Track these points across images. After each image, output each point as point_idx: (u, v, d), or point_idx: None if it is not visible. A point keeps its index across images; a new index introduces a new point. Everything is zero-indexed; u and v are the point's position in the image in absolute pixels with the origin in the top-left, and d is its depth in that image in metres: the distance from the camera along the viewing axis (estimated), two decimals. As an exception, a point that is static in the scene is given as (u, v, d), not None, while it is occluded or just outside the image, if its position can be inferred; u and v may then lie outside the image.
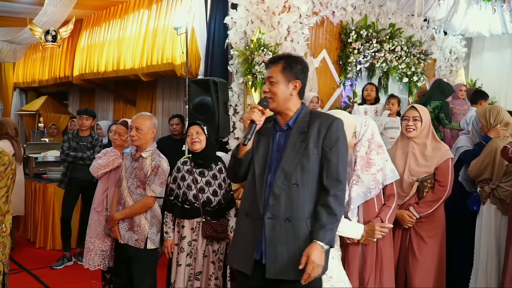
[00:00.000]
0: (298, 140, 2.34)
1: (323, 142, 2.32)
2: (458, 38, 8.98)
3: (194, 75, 6.01)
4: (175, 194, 3.50)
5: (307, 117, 2.39)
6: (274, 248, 2.28)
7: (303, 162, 2.30)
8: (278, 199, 2.29)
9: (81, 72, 8.63)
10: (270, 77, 2.38)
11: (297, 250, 2.26)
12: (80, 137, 5.49)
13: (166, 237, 3.51)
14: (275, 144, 2.40)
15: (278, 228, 2.28)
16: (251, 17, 5.56)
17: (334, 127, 2.33)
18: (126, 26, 7.61)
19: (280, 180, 2.31)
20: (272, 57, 2.47)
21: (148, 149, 3.49)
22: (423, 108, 3.46)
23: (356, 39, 6.73)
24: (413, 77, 7.75)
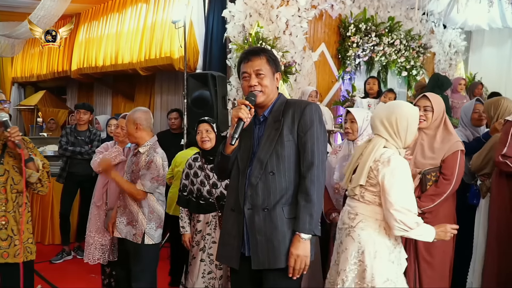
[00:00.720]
0: (273, 129, 2.32)
1: (298, 128, 2.29)
2: (457, 31, 8.95)
3: (192, 69, 5.99)
4: (189, 190, 3.56)
5: (282, 106, 2.36)
6: (254, 238, 2.28)
7: (278, 150, 2.28)
8: (255, 189, 2.28)
9: (79, 67, 8.61)
10: (259, 70, 2.31)
11: (275, 238, 2.25)
12: (78, 132, 5.48)
13: (183, 231, 3.58)
14: (255, 136, 2.38)
15: (257, 218, 2.28)
16: (249, 10, 5.53)
17: (307, 112, 2.30)
18: (124, 20, 7.59)
19: (256, 170, 2.29)
20: (252, 50, 2.41)
21: (146, 144, 3.45)
22: (436, 97, 3.27)
23: (355, 33, 6.71)
24: (412, 70, 7.73)
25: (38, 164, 2.86)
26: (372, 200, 2.55)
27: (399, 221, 2.41)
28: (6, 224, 2.76)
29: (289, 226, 2.27)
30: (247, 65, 2.33)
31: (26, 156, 2.76)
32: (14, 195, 2.78)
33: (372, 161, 2.53)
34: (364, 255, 2.50)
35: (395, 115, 2.57)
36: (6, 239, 2.75)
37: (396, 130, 2.57)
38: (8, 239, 2.76)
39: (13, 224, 2.79)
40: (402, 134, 2.57)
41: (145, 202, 3.42)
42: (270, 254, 2.25)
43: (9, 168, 2.79)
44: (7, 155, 2.80)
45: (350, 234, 2.58)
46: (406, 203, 2.43)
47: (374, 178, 2.51)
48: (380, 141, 2.58)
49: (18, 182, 2.79)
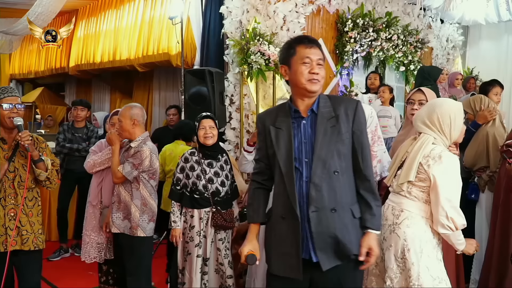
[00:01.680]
0: (328, 126, 2.21)
1: (353, 126, 2.24)
2: (454, 26, 8.94)
3: (190, 65, 5.99)
4: (183, 183, 3.54)
5: (328, 102, 2.28)
6: (324, 241, 2.19)
7: (339, 148, 2.21)
8: (320, 190, 2.17)
9: (77, 63, 8.59)
10: (320, 59, 2.23)
11: (345, 238, 2.20)
12: (76, 129, 5.47)
13: (174, 226, 3.52)
14: (299, 134, 2.26)
15: (325, 220, 2.18)
16: (247, 6, 5.53)
17: (360, 110, 2.26)
18: (122, 16, 7.57)
19: (319, 169, 2.18)
20: (311, 38, 2.32)
21: (138, 139, 3.50)
22: (430, 91, 3.29)
23: (353, 28, 6.70)
24: (410, 65, 7.72)
25: (47, 164, 3.05)
26: (419, 197, 2.54)
27: (450, 219, 2.40)
28: (15, 216, 2.97)
29: (357, 226, 2.25)
30: (310, 51, 2.22)
31: (36, 157, 2.98)
32: (22, 191, 3.00)
33: (422, 157, 2.51)
34: (410, 253, 2.47)
35: (436, 114, 2.57)
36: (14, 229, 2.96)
37: (440, 128, 2.57)
38: (16, 229, 2.97)
39: (22, 216, 3.00)
40: (446, 131, 2.57)
41: (137, 194, 3.46)
42: (340, 252, 2.21)
43: (19, 166, 3.00)
44: (18, 154, 3.02)
45: (395, 231, 2.55)
46: (457, 202, 2.43)
47: (424, 173, 2.49)
48: (428, 138, 2.57)
49: (25, 179, 3.01)
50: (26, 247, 3.00)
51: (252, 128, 5.66)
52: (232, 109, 5.63)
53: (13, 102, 2.95)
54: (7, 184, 2.94)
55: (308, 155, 2.22)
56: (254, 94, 5.55)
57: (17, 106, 2.96)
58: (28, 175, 2.99)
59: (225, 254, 3.53)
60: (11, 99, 2.96)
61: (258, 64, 5.27)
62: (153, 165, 3.47)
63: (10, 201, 2.95)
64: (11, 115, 2.92)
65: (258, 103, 5.54)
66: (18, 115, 2.94)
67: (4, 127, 2.98)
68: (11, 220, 2.94)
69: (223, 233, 3.53)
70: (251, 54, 5.26)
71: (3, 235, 2.93)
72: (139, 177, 3.46)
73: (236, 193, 3.68)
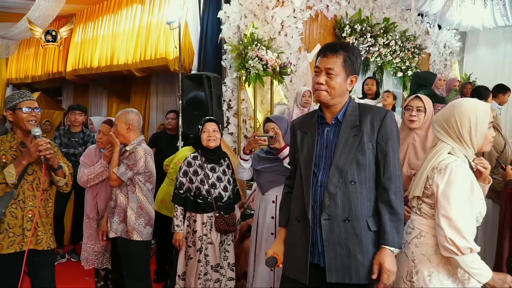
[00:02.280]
0: (350, 135, 2.18)
1: (378, 136, 2.17)
2: (452, 32, 8.98)
3: (187, 70, 5.98)
4: (186, 188, 3.54)
5: (356, 110, 2.23)
6: (334, 251, 2.14)
7: (359, 158, 2.15)
8: (334, 199, 2.15)
9: (74, 68, 8.58)
10: (329, 69, 2.18)
11: (358, 251, 2.13)
12: (72, 133, 5.45)
13: (177, 230, 3.53)
14: (322, 140, 2.25)
15: (337, 229, 2.14)
16: (245, 11, 5.53)
17: (388, 120, 2.18)
18: (119, 21, 7.57)
19: (335, 178, 2.15)
20: (332, 45, 2.24)
21: (133, 143, 3.50)
22: (428, 98, 3.28)
23: (350, 34, 6.72)
24: (408, 71, 7.75)
25: (65, 171, 3.11)
26: (429, 214, 2.24)
27: (449, 240, 2.07)
28: (33, 217, 3.02)
29: (373, 239, 2.16)
30: (321, 60, 2.22)
31: (56, 165, 3.03)
32: (39, 193, 3.06)
33: (430, 169, 2.22)
34: (418, 276, 2.22)
35: (454, 116, 2.22)
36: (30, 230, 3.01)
37: (458, 133, 2.21)
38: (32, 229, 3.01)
39: (38, 217, 3.05)
40: (466, 137, 2.20)
41: (133, 197, 3.45)
42: (353, 268, 2.13)
43: (37, 169, 3.04)
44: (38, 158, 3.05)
45: (404, 250, 2.31)
46: (460, 221, 2.06)
47: (429, 188, 2.21)
48: (444, 147, 2.24)
49: (43, 182, 3.06)
50: (40, 247, 3.06)
51: (250, 133, 5.65)
52: (229, 114, 5.62)
53: (31, 106, 2.99)
54: (25, 187, 2.98)
55: (327, 162, 2.21)
56: (251, 99, 5.54)
57: (35, 110, 3.00)
58: (44, 177, 3.03)
59: (225, 256, 3.53)
60: (29, 102, 2.99)
61: (256, 69, 5.27)
62: (148, 167, 3.45)
63: (28, 203, 3.00)
64: (30, 119, 2.96)
65: (256, 108, 5.53)
66: (35, 119, 2.98)
67: (23, 130, 3.00)
68: (29, 221, 3.00)
69: (223, 236, 3.53)
70: (249, 59, 5.25)
71: (20, 236, 2.98)
72: (135, 180, 3.45)
73: (238, 197, 3.69)
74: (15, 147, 3.00)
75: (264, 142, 3.24)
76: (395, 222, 2.15)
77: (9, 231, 2.94)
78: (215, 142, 3.51)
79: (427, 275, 2.19)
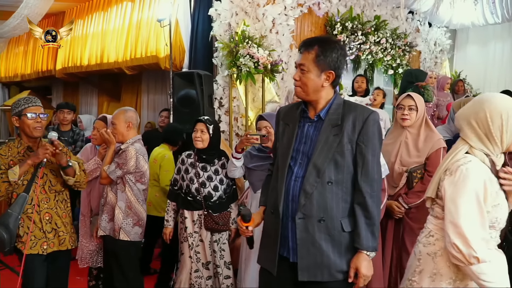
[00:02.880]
0: (331, 134, 2.15)
1: (358, 137, 2.13)
2: (442, 30, 9.02)
3: (178, 68, 5.95)
4: (179, 185, 3.59)
5: (340, 109, 2.20)
6: (307, 249, 2.15)
7: (337, 158, 2.13)
8: (310, 198, 2.13)
9: (64, 66, 8.52)
10: (301, 65, 2.17)
11: (331, 250, 2.14)
12: (61, 132, 5.39)
13: (166, 224, 3.63)
14: (302, 134, 2.24)
15: (311, 229, 2.14)
16: (236, 9, 5.51)
17: (370, 121, 2.14)
18: (109, 19, 7.52)
19: (312, 177, 2.14)
20: (307, 41, 2.22)
21: (128, 141, 3.48)
22: (419, 97, 3.35)
23: (342, 31, 6.72)
24: (399, 69, 7.78)
25: (75, 168, 3.15)
26: (440, 215, 2.13)
27: (454, 246, 1.94)
28: (50, 219, 3.09)
29: (347, 240, 2.16)
30: (298, 57, 2.22)
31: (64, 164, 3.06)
32: (53, 195, 3.13)
33: (444, 170, 2.10)
34: (420, 276, 2.15)
35: (485, 111, 2.02)
36: (51, 232, 3.10)
37: (488, 130, 2.02)
38: (53, 231, 3.11)
39: (56, 218, 3.12)
40: (497, 135, 2.01)
41: (122, 196, 3.43)
42: (325, 266, 2.14)
43: (47, 172, 3.11)
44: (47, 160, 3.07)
45: (414, 248, 2.28)
46: (467, 229, 1.93)
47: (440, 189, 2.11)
48: (462, 146, 2.08)
49: (55, 184, 3.14)
50: (63, 247, 3.15)
51: (241, 131, 5.63)
52: (221, 112, 5.60)
53: (37, 112, 3.02)
54: (38, 190, 3.03)
55: (303, 158, 2.20)
56: (243, 97, 5.53)
57: (41, 116, 3.03)
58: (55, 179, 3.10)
59: (221, 255, 3.53)
60: (35, 108, 3.03)
61: (247, 67, 5.25)
62: (140, 167, 3.41)
63: (43, 206, 3.06)
64: (36, 125, 3.00)
65: (247, 106, 5.51)
66: (41, 125, 3.03)
67: (29, 136, 3.04)
68: (47, 223, 3.07)
69: (217, 234, 3.53)
70: (240, 56, 5.24)
71: (42, 239, 3.06)
72: (125, 179, 3.43)
73: (234, 197, 3.66)
74: (22, 153, 3.05)
75: (257, 140, 3.23)
76: (370, 226, 2.14)
77: (31, 235, 3.01)
78: (201, 143, 3.49)
79: (428, 276, 2.11)
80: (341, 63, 2.19)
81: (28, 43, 9.95)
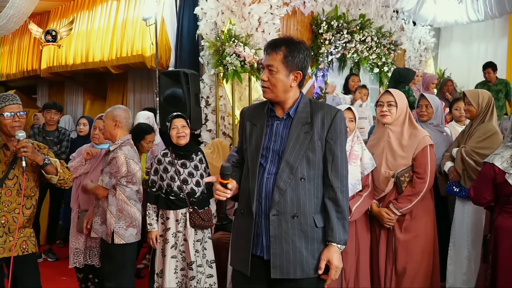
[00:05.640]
0: (302, 131, 2.19)
1: (327, 134, 2.19)
2: (426, 28, 9.10)
3: (164, 67, 5.94)
4: (158, 186, 3.52)
5: (308, 107, 2.23)
6: (280, 246, 2.16)
7: (309, 155, 2.17)
8: (284, 195, 2.15)
9: (49, 65, 8.45)
10: (269, 66, 2.18)
11: (304, 247, 2.16)
12: (47, 132, 5.36)
13: (150, 228, 3.51)
14: (271, 132, 2.24)
15: (284, 225, 2.15)
16: (222, 7, 5.52)
17: (338, 119, 2.20)
18: (94, 18, 7.48)
19: (285, 174, 2.16)
20: (273, 42, 2.24)
21: (117, 142, 3.41)
22: (399, 92, 3.25)
23: (327, 30, 6.76)
24: (384, 67, 7.84)
25: (56, 165, 2.98)
26: None
27: None
28: (5, 223, 2.91)
29: (320, 235, 2.19)
30: (264, 58, 2.22)
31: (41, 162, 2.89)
32: (20, 198, 2.95)
33: None
34: None
35: None
36: (2, 236, 2.91)
37: None
38: (4, 235, 2.92)
39: (12, 223, 2.94)
40: None
41: (113, 200, 3.38)
42: (298, 263, 2.15)
43: (19, 174, 2.94)
44: (19, 161, 2.90)
45: None
46: None
47: None
48: None
49: (25, 188, 2.95)
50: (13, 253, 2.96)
51: (228, 130, 5.64)
52: (208, 110, 5.61)
53: (15, 110, 2.90)
54: (3, 191, 2.89)
55: (274, 155, 2.21)
56: (230, 95, 5.54)
57: (18, 114, 2.91)
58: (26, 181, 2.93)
59: (203, 254, 3.52)
60: (13, 107, 2.91)
61: (233, 66, 5.26)
62: (131, 170, 3.36)
63: (3, 208, 2.91)
64: (14, 124, 2.89)
65: (234, 104, 5.52)
66: (19, 123, 2.90)
67: (6, 135, 2.94)
68: (1, 227, 2.91)
69: (200, 233, 3.52)
70: (226, 55, 5.24)
71: None
72: (116, 183, 3.38)
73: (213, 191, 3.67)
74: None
75: None
76: (341, 220, 2.18)
77: None
78: (185, 138, 3.47)
79: None
80: (307, 64, 2.24)
81: (13, 43, 9.86)
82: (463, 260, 3.65)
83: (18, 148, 2.78)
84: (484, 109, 3.66)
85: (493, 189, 2.90)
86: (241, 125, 2.41)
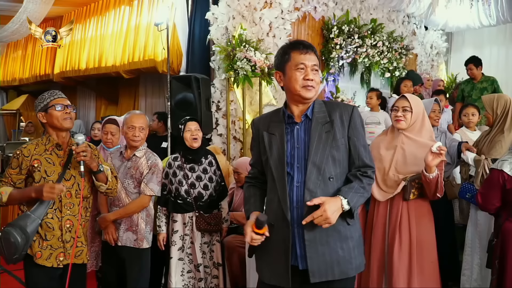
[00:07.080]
0: (323, 131, 2.17)
1: (349, 131, 2.20)
2: (438, 33, 9.06)
3: (176, 72, 5.98)
4: (168, 189, 3.55)
5: (323, 107, 2.24)
6: (315, 249, 2.13)
7: (334, 154, 2.16)
8: (314, 196, 2.10)
9: (62, 70, 8.53)
10: (315, 65, 2.18)
11: (339, 246, 2.15)
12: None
13: (159, 230, 3.54)
14: (292, 139, 2.22)
15: (318, 228, 2.10)
16: (233, 12, 5.54)
17: (355, 115, 2.22)
18: (107, 23, 7.55)
19: (313, 175, 2.14)
20: (306, 42, 2.25)
21: (141, 148, 3.41)
22: (415, 98, 3.17)
23: (338, 35, 6.75)
24: (395, 72, 7.81)
25: (107, 174, 2.88)
26: None
27: None
28: (71, 227, 2.78)
29: (352, 232, 2.19)
30: (305, 57, 2.17)
31: (95, 168, 2.78)
32: (79, 200, 2.80)
33: None
34: None
35: None
36: (70, 241, 2.77)
37: None
38: (71, 240, 2.78)
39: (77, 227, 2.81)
40: None
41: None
42: (335, 264, 2.13)
43: (76, 174, 2.81)
44: (74, 160, 2.79)
45: None
46: None
47: None
48: None
49: (83, 188, 2.81)
50: (79, 260, 2.83)
51: (239, 134, 5.66)
52: (218, 115, 5.63)
53: (65, 103, 2.78)
54: (62, 194, 2.72)
55: (301, 161, 2.18)
56: (240, 100, 5.56)
57: (68, 107, 2.78)
58: (84, 184, 2.80)
59: (211, 256, 3.54)
60: (61, 100, 2.80)
61: (244, 71, 5.28)
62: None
63: (66, 212, 2.75)
64: (65, 116, 2.75)
65: (245, 109, 5.54)
66: (70, 116, 2.78)
67: (58, 129, 2.79)
68: (67, 232, 2.75)
69: (207, 236, 3.53)
70: (237, 60, 5.26)
71: (58, 249, 2.74)
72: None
73: (224, 193, 3.67)
74: (50, 150, 2.78)
75: None
76: (360, 191, 2.16)
77: (47, 244, 2.70)
78: (198, 141, 3.51)
79: None
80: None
81: (26, 48, 9.96)
82: (475, 266, 3.64)
83: (78, 152, 2.66)
84: (500, 115, 3.61)
85: (501, 195, 2.89)
86: (255, 137, 2.38)
